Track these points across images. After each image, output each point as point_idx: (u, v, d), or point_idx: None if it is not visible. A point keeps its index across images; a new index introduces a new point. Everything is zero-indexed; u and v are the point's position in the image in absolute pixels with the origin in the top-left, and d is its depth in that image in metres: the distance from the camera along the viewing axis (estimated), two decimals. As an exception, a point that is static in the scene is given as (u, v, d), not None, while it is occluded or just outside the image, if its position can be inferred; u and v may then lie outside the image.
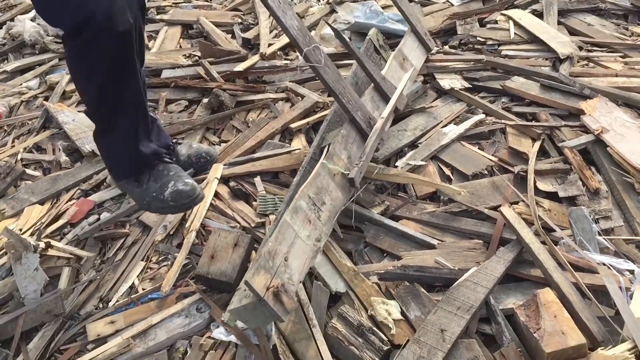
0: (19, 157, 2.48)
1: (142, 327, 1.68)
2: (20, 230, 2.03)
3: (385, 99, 2.17)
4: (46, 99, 2.93)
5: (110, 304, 1.80)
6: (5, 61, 3.43)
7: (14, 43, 3.52)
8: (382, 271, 1.71)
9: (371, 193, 2.01)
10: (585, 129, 2.14)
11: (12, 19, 3.80)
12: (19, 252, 1.83)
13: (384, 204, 1.97)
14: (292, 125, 2.44)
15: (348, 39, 2.72)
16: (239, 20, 3.42)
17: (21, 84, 3.09)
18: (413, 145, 2.25)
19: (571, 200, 1.90)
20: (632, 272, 1.61)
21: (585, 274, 1.62)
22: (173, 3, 3.82)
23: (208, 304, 1.72)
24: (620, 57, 2.65)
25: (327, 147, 1.87)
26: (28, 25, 3.41)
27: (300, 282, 1.49)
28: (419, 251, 1.80)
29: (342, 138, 1.90)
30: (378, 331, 1.55)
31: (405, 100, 2.28)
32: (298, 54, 3.00)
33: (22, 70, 3.25)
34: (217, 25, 3.36)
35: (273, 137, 2.42)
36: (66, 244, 2.01)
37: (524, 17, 2.99)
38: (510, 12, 3.06)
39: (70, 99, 2.90)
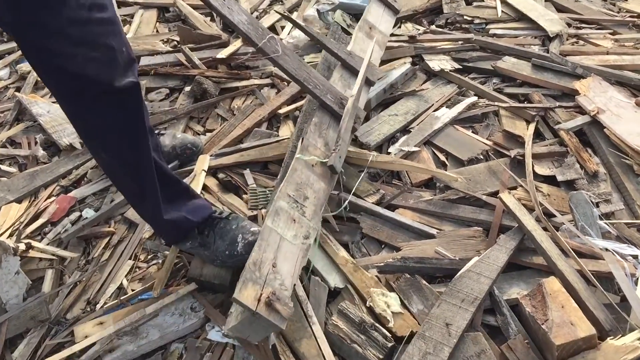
0: (-8, 152, 2.36)
1: (134, 319, 1.61)
2: (-1, 231, 1.93)
3: (356, 74, 2.10)
4: (18, 89, 2.79)
5: (98, 306, 1.71)
6: (-28, 51, 3.26)
7: (-20, 32, 3.34)
8: (382, 264, 1.65)
9: (365, 182, 1.95)
10: (580, 110, 2.11)
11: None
12: (-2, 256, 1.74)
13: (379, 192, 1.91)
14: (280, 112, 2.36)
15: (331, 20, 2.66)
16: (217, 3, 3.28)
17: (-10, 75, 2.95)
18: (405, 130, 2.19)
19: (570, 184, 1.87)
20: (635, 257, 1.59)
21: (588, 260, 1.59)
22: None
23: (202, 303, 1.65)
24: (610, 34, 2.61)
25: (300, 139, 1.80)
26: (-5, 12, 3.24)
27: (294, 284, 1.43)
28: (417, 241, 1.75)
29: (315, 126, 1.83)
30: (380, 327, 1.50)
31: (377, 70, 2.21)
32: (281, 36, 2.92)
33: (-9, 60, 3.10)
34: (195, 7, 3.23)
35: (260, 124, 2.34)
36: (47, 244, 1.92)
37: (511, -6, 2.93)
38: (496, -10, 3.00)
39: (44, 89, 2.76)
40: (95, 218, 1.96)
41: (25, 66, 2.91)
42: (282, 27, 3.05)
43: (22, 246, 1.82)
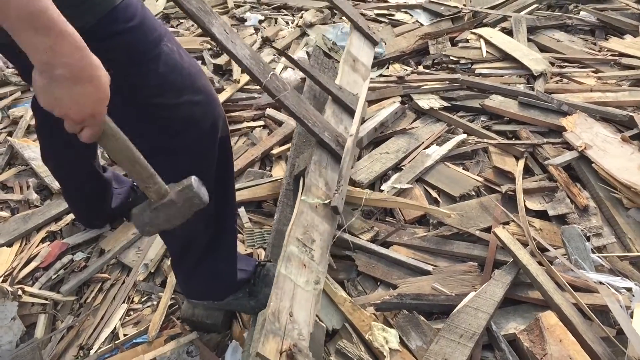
0: (-16, 197, 2.34)
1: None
2: (-9, 276, 1.91)
3: (347, 109, 2.14)
4: (10, 134, 2.79)
5: (92, 352, 1.68)
6: (-36, 96, 3.26)
7: (-28, 77, 3.35)
8: (379, 301, 1.65)
9: (359, 219, 1.96)
10: (567, 146, 2.15)
11: (-31, 52, 3.63)
12: (-6, 301, 1.72)
13: (373, 230, 1.93)
14: (273, 152, 2.38)
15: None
16: (208, 46, 3.35)
17: (-18, 120, 2.95)
18: (397, 168, 2.22)
19: (561, 219, 1.89)
20: (629, 289, 1.60)
21: (583, 293, 1.60)
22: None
23: (198, 346, 1.63)
24: (592, 72, 2.68)
25: (302, 179, 1.80)
26: (-13, 58, 3.27)
27: (310, 332, 1.41)
28: (414, 278, 1.76)
29: (315, 165, 1.84)
30: (379, 365, 1.49)
31: (366, 106, 2.24)
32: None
33: (-17, 105, 3.11)
34: (190, 52, 3.28)
35: (253, 165, 2.35)
36: (39, 288, 1.89)
37: (495, 35, 3.02)
38: (480, 31, 3.09)
39: (35, 133, 2.76)
40: (92, 270, 1.94)
41: (17, 111, 2.92)
42: (274, 69, 3.10)
43: (19, 292, 1.79)
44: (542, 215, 1.93)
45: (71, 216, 2.16)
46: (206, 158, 1.34)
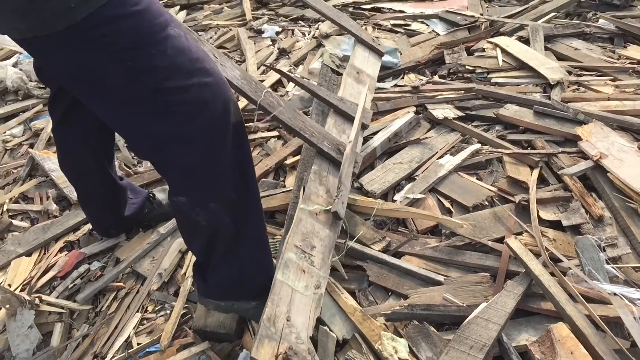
0: (5, 208, 2.39)
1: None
2: (10, 285, 1.95)
3: (349, 119, 2.15)
4: (31, 146, 2.86)
5: (106, 360, 1.71)
6: (-12, 109, 3.35)
7: (-5, 90, 3.45)
8: (389, 311, 1.65)
9: (371, 229, 1.96)
10: (583, 155, 2.13)
11: (-6, 66, 3.73)
12: (14, 308, 1.76)
13: (385, 240, 1.92)
14: (286, 162, 2.40)
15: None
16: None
17: (5, 132, 3.02)
18: (410, 178, 2.21)
19: (575, 229, 1.87)
20: (644, 301, 1.58)
21: (597, 305, 1.58)
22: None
23: (209, 356, 1.64)
24: (610, 80, 2.65)
25: (302, 189, 1.82)
26: (10, 72, 3.35)
27: (310, 335, 1.42)
28: (425, 288, 1.75)
29: (315, 174, 1.86)
30: (389, 377, 1.48)
31: (370, 114, 2.26)
32: (287, 89, 2.99)
33: (6, 118, 3.17)
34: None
35: (267, 175, 2.37)
36: (56, 297, 1.93)
37: (511, 44, 3.01)
38: (496, 40, 3.07)
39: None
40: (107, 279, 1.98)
41: (38, 123, 2.99)
42: (289, 81, 3.13)
43: (36, 300, 1.83)
44: (556, 225, 1.91)
45: (88, 226, 2.20)
46: (220, 143, 1.32)
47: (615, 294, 1.58)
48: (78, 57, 1.14)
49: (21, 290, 1.94)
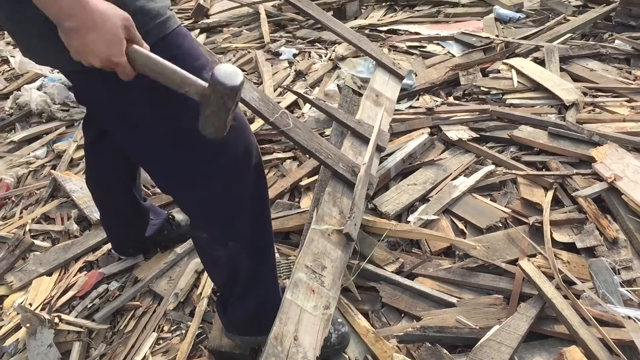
0: (27, 228, 2.46)
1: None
2: (31, 304, 1.99)
3: (365, 141, 2.17)
4: (54, 167, 2.93)
5: (123, 379, 1.74)
6: (13, 131, 3.45)
7: (21, 113, 3.55)
8: (402, 333, 1.66)
9: (384, 250, 1.98)
10: (598, 177, 2.12)
11: (18, 89, 3.85)
12: (34, 327, 1.80)
13: (398, 261, 1.94)
14: (301, 184, 2.43)
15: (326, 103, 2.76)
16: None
17: (29, 154, 3.10)
18: (424, 199, 2.23)
19: (589, 251, 1.86)
20: (659, 324, 1.56)
21: (610, 328, 1.57)
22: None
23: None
24: (626, 101, 2.65)
25: (315, 209, 1.84)
26: (35, 95, 3.46)
27: (317, 356, 1.43)
28: (438, 310, 1.76)
29: (329, 195, 1.88)
30: (401, 399, 1.49)
31: (387, 136, 2.27)
32: (302, 110, 3.03)
33: (30, 140, 3.27)
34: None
35: (282, 196, 2.40)
36: (75, 316, 1.97)
37: (526, 65, 3.02)
38: (511, 61, 3.09)
39: (78, 166, 2.90)
40: (125, 298, 2.02)
41: (61, 145, 3.07)
42: (305, 102, 3.18)
43: (56, 319, 1.87)
44: (570, 247, 1.90)
45: (108, 246, 2.24)
46: (240, 183, 1.37)
47: (629, 317, 1.57)
48: (116, 94, 1.19)
49: (41, 310, 1.98)
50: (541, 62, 3.07)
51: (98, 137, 1.80)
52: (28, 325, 1.81)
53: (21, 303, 2.01)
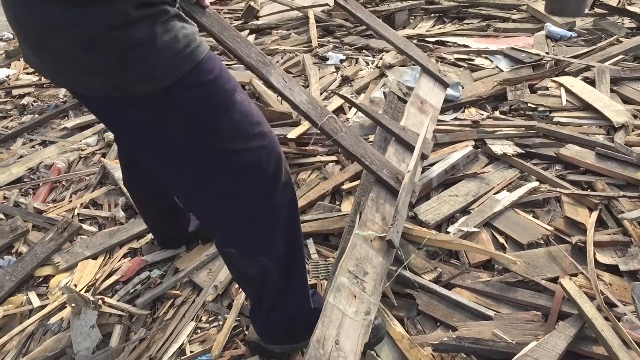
0: (76, 212, 2.54)
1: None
2: (76, 285, 2.07)
3: (409, 148, 2.18)
4: (103, 155, 3.03)
5: (160, 364, 1.79)
6: (66, 118, 3.58)
7: (74, 100, 3.67)
8: (437, 342, 1.66)
9: (423, 259, 1.99)
10: (645, 200, 2.09)
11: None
12: (79, 307, 1.86)
13: (436, 270, 1.94)
14: (343, 187, 2.45)
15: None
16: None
17: (80, 141, 3.21)
18: (465, 211, 2.23)
19: (633, 275, 1.84)
20: (702, 353, 1.53)
21: (651, 353, 1.55)
22: (227, 65, 3.95)
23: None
24: (678, 126, 2.60)
25: (359, 215, 1.85)
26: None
27: None
28: (474, 322, 1.76)
29: (372, 201, 1.89)
30: (433, 406, 1.49)
31: (431, 145, 2.28)
32: (347, 115, 3.06)
33: (82, 127, 3.38)
34: (269, 87, 3.44)
35: (323, 198, 2.43)
36: (118, 300, 2.03)
37: (576, 84, 2.99)
38: (561, 79, 3.06)
39: (126, 155, 2.98)
40: (166, 286, 2.07)
41: (111, 134, 3.16)
42: (350, 108, 3.20)
43: (100, 302, 1.93)
44: (613, 269, 1.88)
45: (151, 236, 2.31)
46: (270, 199, 1.39)
47: (671, 344, 1.55)
48: (148, 120, 1.21)
49: (86, 291, 2.05)
50: (591, 82, 3.03)
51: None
52: (74, 305, 1.88)
53: (67, 284, 2.08)
